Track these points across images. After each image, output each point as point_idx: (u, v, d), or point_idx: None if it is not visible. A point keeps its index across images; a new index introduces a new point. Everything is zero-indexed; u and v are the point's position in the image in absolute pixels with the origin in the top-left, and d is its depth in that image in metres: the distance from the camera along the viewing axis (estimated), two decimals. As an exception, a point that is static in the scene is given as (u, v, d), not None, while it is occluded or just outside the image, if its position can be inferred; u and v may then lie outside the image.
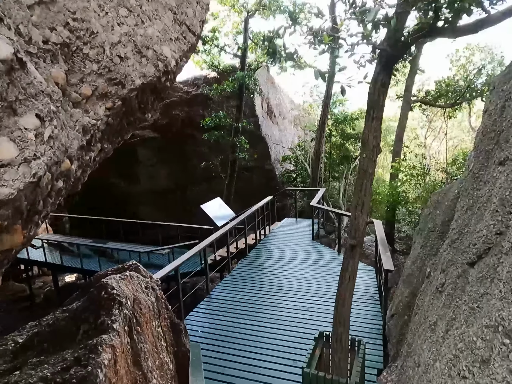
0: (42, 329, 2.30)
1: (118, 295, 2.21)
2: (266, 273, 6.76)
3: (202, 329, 4.83)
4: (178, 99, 15.48)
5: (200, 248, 5.82)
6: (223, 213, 8.94)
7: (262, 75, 17.16)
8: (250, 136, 14.89)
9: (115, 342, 1.89)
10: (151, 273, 3.03)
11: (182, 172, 15.67)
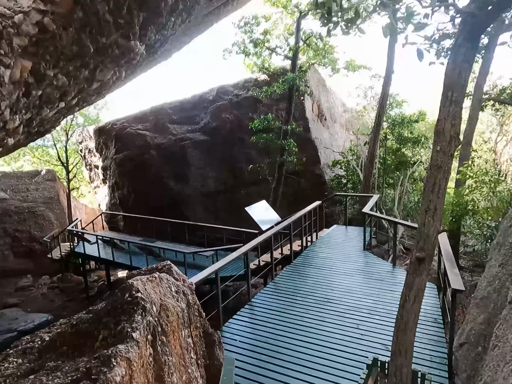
0: (66, 329, 2.13)
1: (143, 299, 1.97)
2: (312, 283, 6.29)
3: (241, 338, 4.52)
4: (228, 102, 15.58)
5: (242, 252, 5.54)
6: (269, 217, 8.62)
7: (313, 77, 16.69)
8: (299, 139, 14.47)
9: (132, 354, 1.64)
10: (184, 276, 2.79)
11: (230, 174, 15.70)
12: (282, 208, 13.16)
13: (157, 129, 15.90)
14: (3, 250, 16.79)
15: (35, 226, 17.42)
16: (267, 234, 6.70)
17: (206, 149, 15.51)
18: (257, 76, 15.74)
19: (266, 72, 14.74)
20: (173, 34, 5.38)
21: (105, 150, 17.17)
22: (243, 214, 11.79)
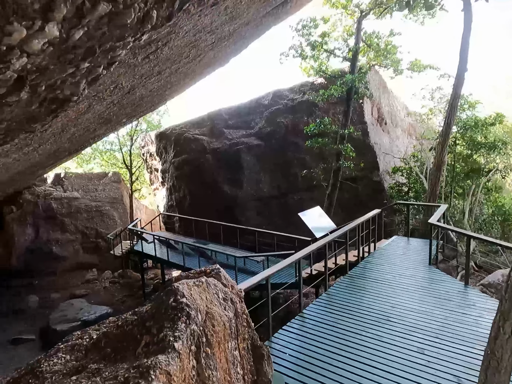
0: (111, 330, 2.06)
1: (188, 306, 1.82)
2: (369, 297, 5.79)
3: (290, 352, 4.24)
4: (283, 106, 15.45)
5: (294, 259, 5.27)
6: (323, 224, 8.23)
7: (374, 79, 15.90)
8: (356, 144, 13.82)
9: (172, 367, 1.48)
10: (233, 281, 2.61)
11: (284, 179, 15.49)
12: (336, 215, 12.61)
13: (213, 134, 16.29)
14: (74, 245, 18.33)
15: (101, 224, 18.80)
16: (321, 242, 6.34)
17: (260, 153, 15.51)
18: (313, 79, 15.42)
19: (323, 75, 14.35)
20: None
21: (164, 154, 18.01)
22: (296, 220, 11.47)
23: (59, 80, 1.49)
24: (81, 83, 1.60)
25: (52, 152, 9.22)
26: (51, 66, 1.62)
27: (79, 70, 1.63)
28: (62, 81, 1.40)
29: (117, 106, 7.54)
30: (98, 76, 1.79)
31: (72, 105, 1.77)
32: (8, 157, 6.09)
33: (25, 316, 13.12)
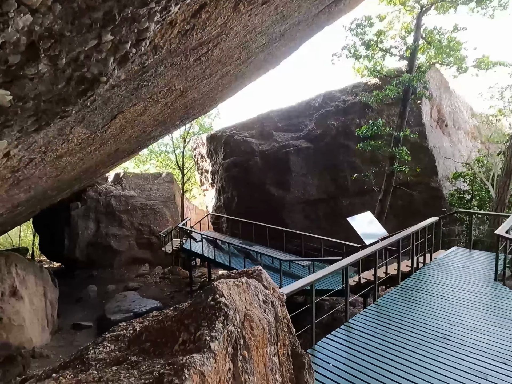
0: (152, 324, 2.09)
1: (226, 305, 1.78)
2: (424, 312, 5.35)
3: (334, 362, 4.03)
4: (334, 108, 15.06)
5: (341, 266, 5.04)
6: (373, 230, 7.82)
7: (434, 78, 14.87)
8: (412, 147, 13.00)
9: (207, 368, 1.43)
10: (275, 284, 2.52)
11: (333, 183, 15.07)
12: (389, 222, 11.96)
13: (262, 136, 16.37)
14: (130, 240, 19.49)
15: (154, 222, 19.79)
16: (370, 249, 6.01)
17: (309, 156, 15.25)
18: (367, 80, 14.83)
19: (377, 75, 13.73)
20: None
21: (214, 155, 18.48)
22: (345, 226, 11.05)
23: (82, 54, 1.43)
24: (109, 61, 1.55)
25: (112, 152, 9.86)
26: (66, 32, 1.55)
27: (103, 44, 1.51)
28: (86, 55, 1.37)
29: (171, 108, 7.84)
30: (127, 55, 1.65)
31: (102, 87, 1.67)
32: (74, 156, 6.61)
33: (85, 305, 14.18)
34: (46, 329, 10.90)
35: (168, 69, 4.03)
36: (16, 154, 3.62)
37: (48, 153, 4.67)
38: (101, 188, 19.78)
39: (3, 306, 9.12)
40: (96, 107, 3.86)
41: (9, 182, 5.19)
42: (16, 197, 7.64)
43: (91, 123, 4.52)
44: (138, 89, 4.10)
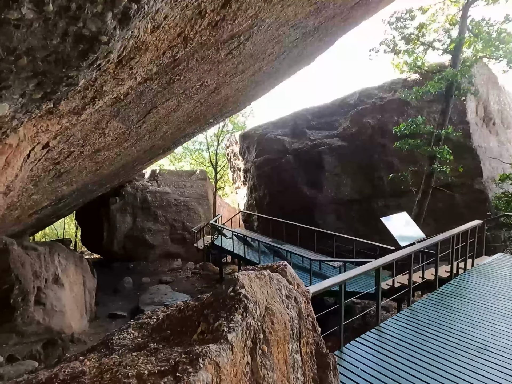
0: (174, 313, 2.09)
1: (246, 297, 1.72)
2: (463, 320, 4.99)
3: (363, 367, 3.86)
4: (370, 106, 14.56)
5: (373, 267, 4.82)
6: (409, 232, 7.45)
7: (481, 73, 13.94)
8: (455, 146, 12.27)
9: (222, 359, 1.39)
10: (300, 280, 2.44)
11: (367, 183, 14.59)
12: (427, 226, 11.36)
13: (295, 134, 16.19)
14: (164, 235, 20.08)
15: (188, 218, 20.23)
16: (405, 251, 5.71)
17: (343, 155, 14.86)
18: (406, 76, 14.18)
19: (418, 70, 13.08)
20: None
21: (247, 154, 18.56)
22: (379, 228, 10.62)
23: (73, 2, 1.30)
24: (107, 17, 1.48)
25: (148, 149, 10.17)
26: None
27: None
28: (78, 5, 1.29)
29: (204, 105, 7.94)
30: (128, 13, 1.46)
31: (104, 49, 1.48)
32: (111, 151, 6.87)
33: (121, 295, 14.78)
34: (84, 316, 11.48)
35: (199, 63, 4.05)
36: (56, 146, 3.81)
37: (86, 146, 4.88)
38: (138, 184, 20.52)
39: (46, 293, 9.71)
40: (131, 101, 3.96)
41: (51, 174, 5.49)
42: (59, 190, 8.08)
43: (126, 117, 4.66)
44: (171, 83, 4.16)
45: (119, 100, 3.54)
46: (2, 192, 3.09)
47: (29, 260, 9.59)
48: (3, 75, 1.10)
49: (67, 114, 2.81)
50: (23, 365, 7.74)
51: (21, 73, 1.14)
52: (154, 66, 3.13)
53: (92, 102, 2.87)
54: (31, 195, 6.20)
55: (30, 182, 5.00)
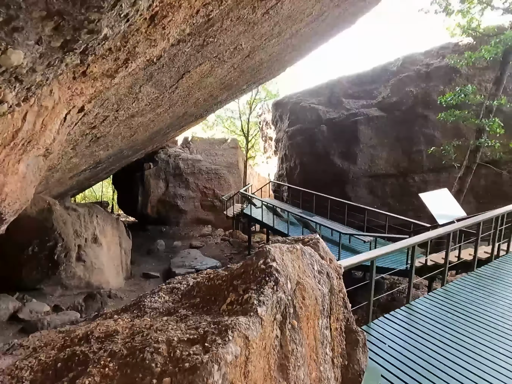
0: (203, 281, 2.08)
1: (277, 271, 1.67)
2: (502, 304, 4.76)
3: (391, 343, 3.81)
4: (414, 73, 13.54)
5: (408, 244, 4.64)
6: (449, 210, 7.06)
7: (547, 37, 12.38)
8: (507, 119, 11.28)
9: (252, 332, 1.35)
10: (333, 255, 2.35)
11: (405, 157, 13.89)
12: (468, 204, 10.77)
13: (330, 103, 15.52)
14: (195, 202, 20.57)
15: (218, 186, 20.50)
16: (444, 229, 5.43)
17: (381, 126, 14.12)
18: (458, 40, 12.93)
19: (472, 34, 11.84)
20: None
21: (279, 123, 18.14)
22: (415, 204, 10.20)
23: None
24: None
25: (181, 115, 10.16)
26: None
27: None
28: None
29: (237, 71, 7.69)
30: None
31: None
32: (145, 117, 6.91)
33: (154, 257, 15.52)
34: (121, 274, 12.21)
35: (234, 24, 3.84)
36: (91, 110, 3.84)
37: (120, 111, 4.90)
38: (171, 151, 20.87)
39: (86, 251, 10.36)
40: (163, 65, 3.87)
41: (88, 139, 5.63)
42: (96, 154, 8.34)
43: (159, 82, 4.59)
44: (204, 46, 4.00)
45: (152, 63, 3.45)
46: (42, 155, 3.18)
47: (70, 220, 10.18)
48: (12, 11, 1.02)
49: (100, 76, 2.77)
50: (67, 315, 8.43)
51: (32, 10, 1.06)
52: (187, 26, 2.98)
53: (125, 64, 2.81)
54: (70, 158, 6.43)
55: (69, 145, 5.15)
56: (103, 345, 1.70)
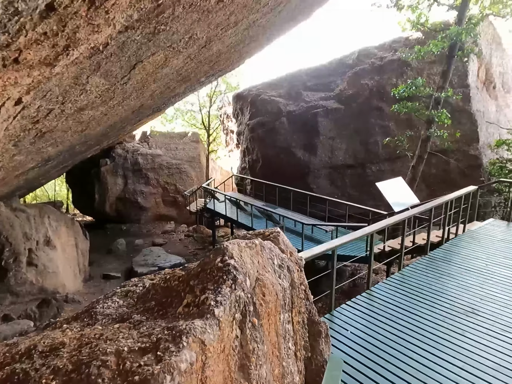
0: (160, 282, 1.97)
1: (235, 269, 1.60)
2: (452, 284, 5.08)
3: (352, 329, 3.92)
4: (369, 66, 13.98)
5: (366, 233, 4.79)
6: (404, 198, 7.40)
7: (486, 33, 13.35)
8: (453, 110, 12.02)
9: (208, 336, 1.28)
10: (293, 248, 2.33)
11: (362, 147, 14.37)
12: (420, 191, 11.37)
13: (290, 96, 15.64)
14: (156, 198, 19.98)
15: (180, 181, 20.04)
16: (399, 216, 5.68)
17: (339, 118, 14.48)
18: (408, 34, 13.51)
19: (421, 28, 12.41)
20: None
21: (240, 115, 18.02)
22: (373, 193, 10.58)
23: None
24: None
25: (137, 109, 9.71)
26: None
27: None
28: None
29: (195, 61, 7.45)
30: None
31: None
32: (96, 110, 6.50)
33: (115, 256, 14.90)
34: (78, 276, 11.59)
35: (187, 11, 3.67)
36: (32, 103, 3.50)
37: (67, 104, 4.55)
38: (129, 146, 20.03)
39: (38, 254, 9.68)
40: (112, 54, 3.61)
41: (32, 134, 5.18)
42: (43, 150, 7.73)
43: (109, 72, 4.30)
44: (156, 34, 3.78)
45: (98, 52, 3.21)
46: (-25, 152, 2.85)
47: (19, 222, 9.45)
48: None
49: (37, 65, 2.52)
50: (19, 324, 7.85)
51: None
52: (134, 11, 2.79)
53: (66, 51, 2.57)
54: (13, 156, 5.90)
55: (9, 142, 4.71)
56: (46, 361, 1.55)
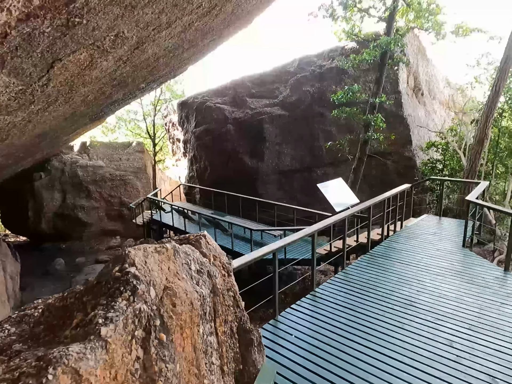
0: (54, 302, 1.67)
1: (136, 277, 1.37)
2: (391, 279, 5.23)
3: (297, 333, 3.81)
4: (310, 74, 14.45)
5: (307, 233, 4.76)
6: (344, 198, 7.60)
7: (412, 44, 14.47)
8: (388, 115, 12.78)
9: (86, 363, 1.04)
10: (220, 251, 2.15)
11: (308, 152, 14.73)
12: (362, 192, 11.85)
13: (235, 103, 15.62)
14: (99, 212, 18.72)
15: (125, 193, 19.01)
16: (339, 216, 5.77)
17: (284, 124, 14.72)
18: (344, 44, 14.21)
19: (355, 38, 13.12)
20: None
21: (186, 124, 17.62)
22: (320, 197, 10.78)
23: None
24: None
25: (69, 116, 8.99)
26: None
27: None
28: None
29: (129, 65, 7.06)
30: None
31: None
32: (14, 116, 5.84)
33: (53, 278, 13.63)
34: (7, 304, 10.34)
35: (105, 4, 3.38)
36: None
37: (-31, 106, 3.98)
38: (66, 158, 18.63)
39: (-47, 282, 8.47)
40: (17, 47, 3.21)
41: None
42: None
43: (20, 70, 3.84)
44: (71, 27, 3.44)
45: (-5, 43, 2.81)
46: None
47: None
48: None
49: None
50: None
51: None
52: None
53: None
54: None
55: None
56: None
